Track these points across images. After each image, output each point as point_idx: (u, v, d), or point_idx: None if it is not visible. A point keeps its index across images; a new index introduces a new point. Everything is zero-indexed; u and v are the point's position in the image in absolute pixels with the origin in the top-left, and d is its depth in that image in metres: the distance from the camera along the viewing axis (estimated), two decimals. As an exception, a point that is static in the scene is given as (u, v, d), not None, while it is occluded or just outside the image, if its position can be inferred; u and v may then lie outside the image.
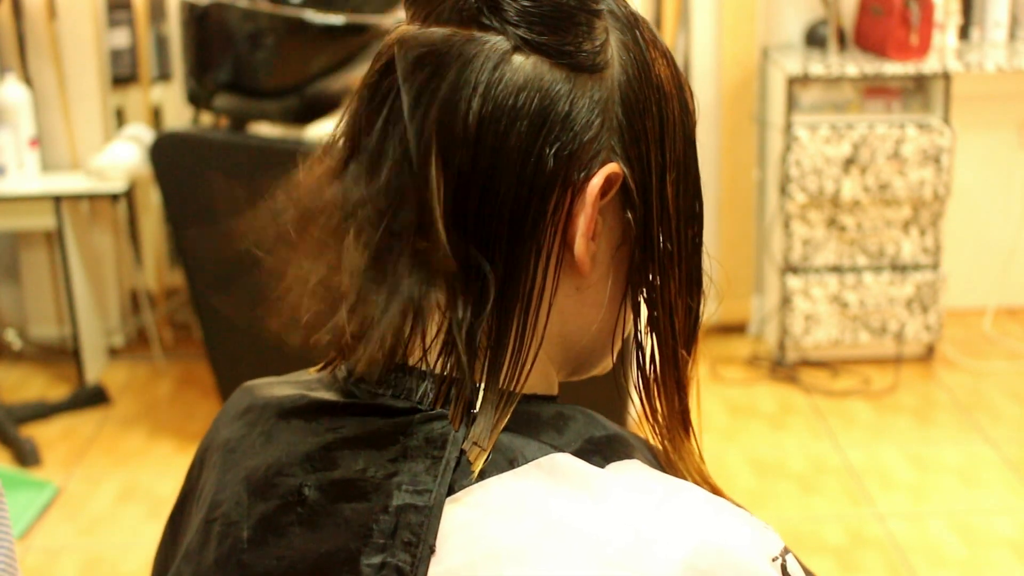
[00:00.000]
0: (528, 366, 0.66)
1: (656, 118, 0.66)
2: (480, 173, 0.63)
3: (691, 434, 0.72)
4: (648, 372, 0.70)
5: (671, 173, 0.67)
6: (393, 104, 0.64)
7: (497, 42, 0.63)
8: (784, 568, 0.62)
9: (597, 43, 0.65)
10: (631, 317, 0.70)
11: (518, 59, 0.63)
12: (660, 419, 0.71)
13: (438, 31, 0.64)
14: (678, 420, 0.71)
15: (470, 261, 0.64)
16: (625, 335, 0.71)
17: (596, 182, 0.64)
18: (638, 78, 0.66)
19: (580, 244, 0.65)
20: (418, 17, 0.66)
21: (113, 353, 3.68)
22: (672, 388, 0.70)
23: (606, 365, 0.73)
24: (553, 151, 0.63)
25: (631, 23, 0.67)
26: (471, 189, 0.63)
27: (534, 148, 0.63)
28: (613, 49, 0.65)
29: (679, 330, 0.70)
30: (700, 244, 0.70)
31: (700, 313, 0.71)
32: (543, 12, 0.64)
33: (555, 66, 0.63)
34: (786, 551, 0.63)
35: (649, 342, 0.70)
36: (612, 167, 0.64)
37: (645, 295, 0.68)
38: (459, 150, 0.63)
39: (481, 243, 0.63)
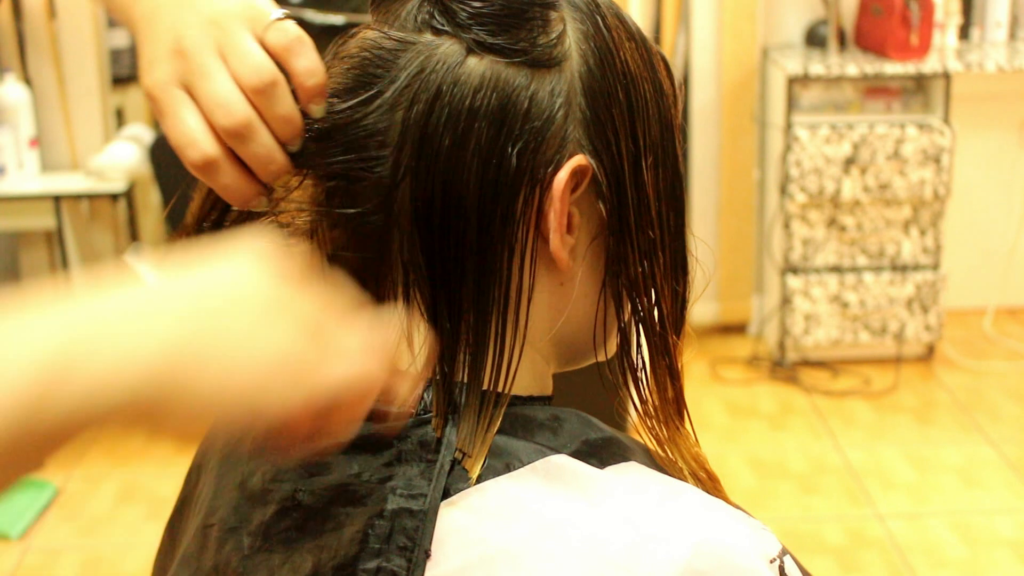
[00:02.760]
0: (514, 366, 0.65)
1: (624, 105, 0.65)
2: (442, 177, 0.62)
3: (685, 420, 0.71)
4: (636, 361, 0.69)
5: (647, 158, 0.66)
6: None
7: (450, 46, 0.63)
8: (782, 570, 0.62)
9: (553, 36, 0.64)
10: (624, 306, 0.69)
11: (472, 61, 0.62)
12: (652, 409, 0.70)
13: (395, 35, 0.64)
14: (672, 407, 0.70)
15: (443, 266, 0.63)
16: (621, 324, 0.70)
17: (562, 176, 0.63)
18: (600, 66, 0.64)
19: (554, 240, 0.64)
20: (380, 21, 0.66)
21: (113, 353, 3.68)
22: (664, 375, 0.70)
23: (605, 353, 0.72)
24: (516, 150, 0.62)
25: (591, 10, 0.65)
26: (435, 193, 0.62)
27: (495, 148, 0.62)
28: (571, 40, 0.64)
29: (667, 315, 0.69)
30: (683, 226, 0.69)
31: (687, 296, 0.70)
32: (494, 12, 0.63)
33: (511, 64, 0.63)
34: (784, 552, 0.63)
35: (634, 331, 0.69)
36: (579, 160, 0.63)
37: (628, 283, 0.67)
38: (418, 156, 0.62)
39: (452, 247, 0.63)
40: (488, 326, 0.64)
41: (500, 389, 0.65)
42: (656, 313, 0.68)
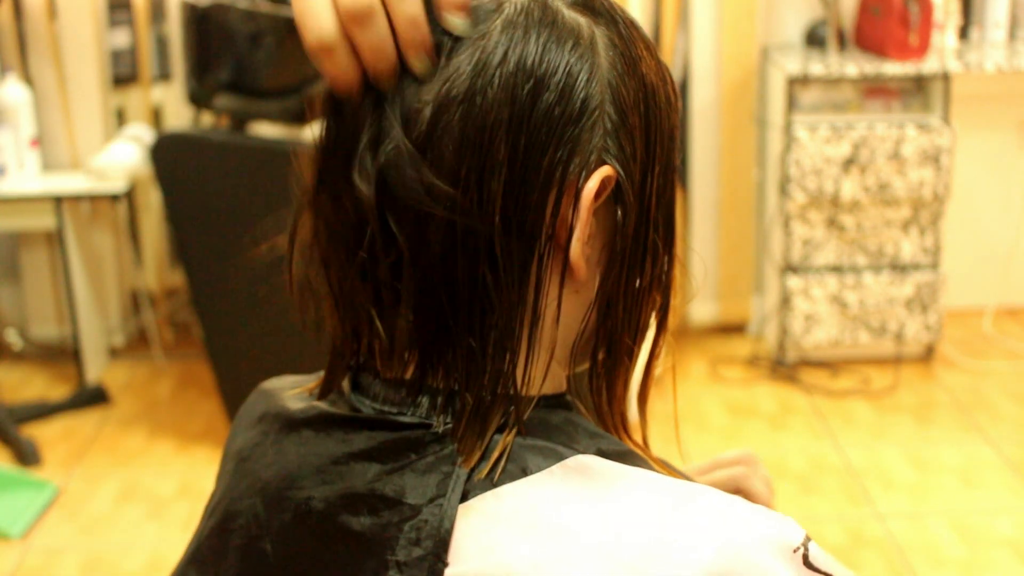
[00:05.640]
0: (531, 373, 0.65)
1: (643, 114, 0.65)
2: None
3: (626, 434, 0.71)
4: (601, 367, 0.69)
5: (657, 166, 0.66)
6: None
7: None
8: (806, 557, 0.61)
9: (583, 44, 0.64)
10: (614, 312, 0.68)
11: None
12: (605, 405, 0.70)
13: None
14: (620, 420, 0.70)
15: (467, 274, 0.63)
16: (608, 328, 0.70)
17: (591, 186, 0.63)
18: (626, 74, 0.65)
19: (575, 249, 0.64)
20: None
21: (113, 353, 3.68)
22: (621, 378, 0.70)
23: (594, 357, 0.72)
24: (546, 158, 0.62)
25: (613, 19, 0.66)
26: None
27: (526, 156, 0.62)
28: (600, 48, 0.64)
29: (642, 322, 0.69)
30: (673, 234, 0.70)
31: (669, 303, 0.70)
32: None
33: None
34: (808, 539, 0.62)
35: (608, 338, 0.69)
36: (606, 170, 0.63)
37: (624, 289, 0.67)
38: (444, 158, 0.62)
39: (476, 255, 0.62)
40: (511, 336, 0.64)
41: (521, 394, 0.65)
42: (632, 319, 0.68)
